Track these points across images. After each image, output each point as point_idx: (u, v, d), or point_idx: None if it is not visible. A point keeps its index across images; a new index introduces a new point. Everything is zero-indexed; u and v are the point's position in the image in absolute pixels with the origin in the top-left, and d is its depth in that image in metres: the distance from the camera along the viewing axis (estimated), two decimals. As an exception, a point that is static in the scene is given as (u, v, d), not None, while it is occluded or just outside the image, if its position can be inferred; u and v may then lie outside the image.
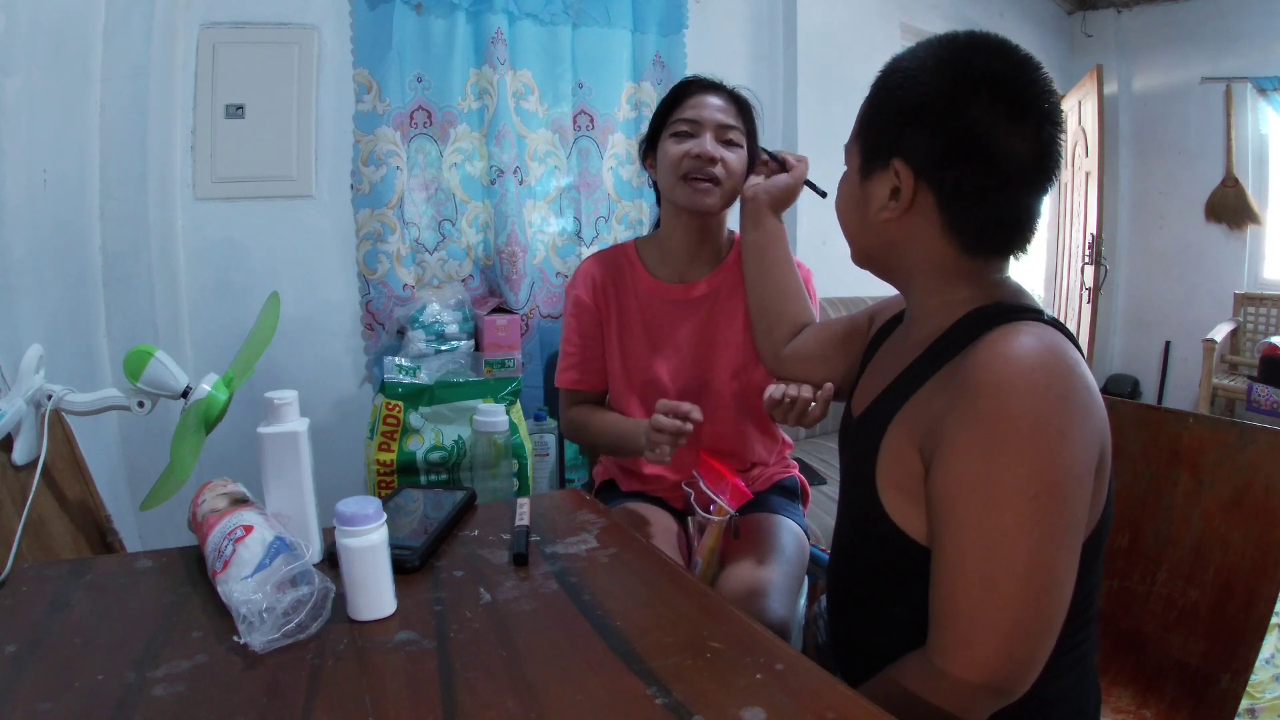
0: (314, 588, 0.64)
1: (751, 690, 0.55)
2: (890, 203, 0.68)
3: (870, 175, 0.70)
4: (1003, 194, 0.64)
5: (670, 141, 1.13)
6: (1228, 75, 3.57)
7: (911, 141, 0.66)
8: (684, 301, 1.21)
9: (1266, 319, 3.43)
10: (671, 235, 1.21)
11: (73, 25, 1.46)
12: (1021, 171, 0.64)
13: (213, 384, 0.93)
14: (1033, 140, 0.63)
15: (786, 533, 1.17)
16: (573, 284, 1.27)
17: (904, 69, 0.68)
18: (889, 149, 0.67)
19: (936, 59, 0.66)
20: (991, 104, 0.62)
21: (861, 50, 2.66)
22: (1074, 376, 0.58)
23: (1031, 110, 0.63)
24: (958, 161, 0.64)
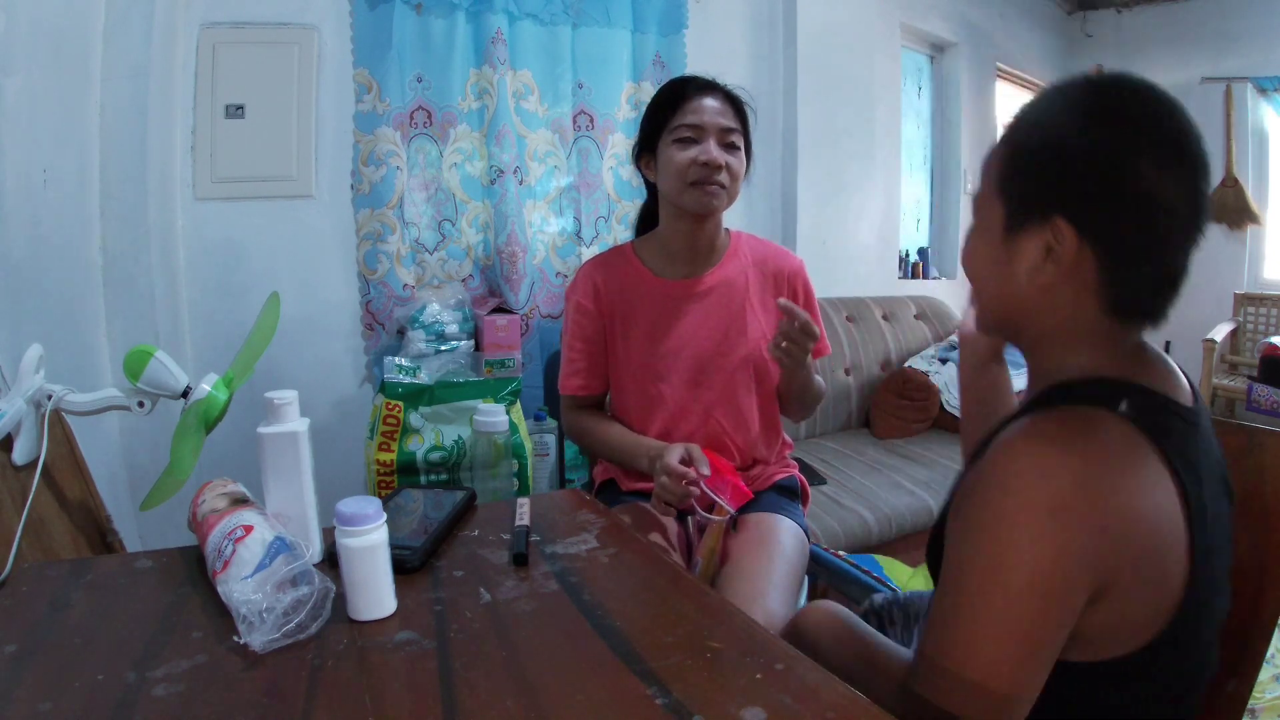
0: (314, 588, 0.64)
1: (751, 690, 0.55)
2: (1045, 264, 0.61)
3: (1019, 232, 0.62)
4: (1165, 251, 0.60)
5: (674, 147, 1.14)
6: (1228, 75, 3.57)
7: (1075, 198, 0.59)
8: (690, 296, 1.23)
9: (1266, 319, 3.43)
10: (674, 235, 1.22)
11: (73, 25, 1.46)
12: (1183, 225, 0.59)
13: (213, 384, 0.93)
14: (1191, 189, 0.58)
15: (786, 532, 1.17)
16: (573, 289, 1.27)
17: (1051, 118, 0.62)
18: (1048, 205, 0.60)
19: (1090, 106, 0.60)
20: (1156, 154, 0.58)
21: (861, 50, 2.67)
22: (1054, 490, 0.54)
23: (1188, 157, 0.58)
24: (1125, 218, 0.59)
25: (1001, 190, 0.64)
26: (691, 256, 1.23)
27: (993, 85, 3.44)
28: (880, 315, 2.56)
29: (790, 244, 2.55)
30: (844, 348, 2.41)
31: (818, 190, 2.57)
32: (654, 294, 1.23)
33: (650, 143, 1.18)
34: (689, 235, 1.21)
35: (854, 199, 2.72)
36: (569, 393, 1.28)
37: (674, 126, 1.14)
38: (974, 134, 3.32)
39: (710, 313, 1.22)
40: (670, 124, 1.14)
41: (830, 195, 2.62)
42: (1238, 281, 3.62)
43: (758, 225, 2.53)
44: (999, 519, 0.55)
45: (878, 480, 1.95)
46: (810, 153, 2.53)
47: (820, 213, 2.59)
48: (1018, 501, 0.54)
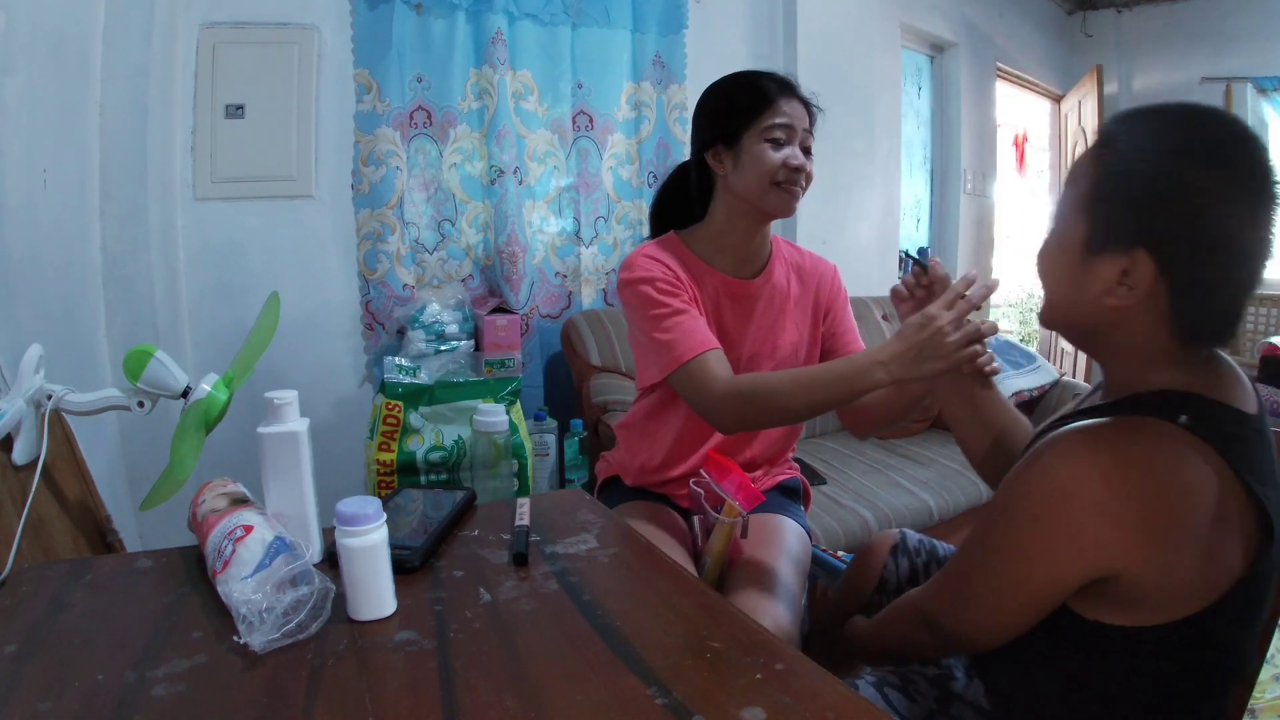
0: (314, 588, 0.64)
1: (751, 690, 0.55)
2: (1119, 288, 0.63)
3: (1099, 254, 0.64)
4: (1240, 286, 0.63)
5: (766, 146, 1.11)
6: (1228, 75, 3.57)
7: (1160, 234, 0.61)
8: (744, 296, 1.20)
9: (1266, 319, 3.43)
10: (732, 231, 1.18)
11: (73, 25, 1.46)
12: (1259, 261, 0.62)
13: (213, 384, 0.93)
14: (1266, 228, 0.61)
15: (791, 534, 1.17)
16: (644, 269, 1.13)
17: (1147, 148, 0.63)
18: (1131, 235, 0.62)
19: (1188, 143, 0.62)
20: (1248, 198, 0.60)
21: (861, 50, 2.66)
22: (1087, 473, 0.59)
23: (1267, 197, 0.61)
24: (1206, 258, 0.61)
25: (1088, 209, 0.65)
26: (746, 255, 1.20)
27: (993, 85, 3.44)
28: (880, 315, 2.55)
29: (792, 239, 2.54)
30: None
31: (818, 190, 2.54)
32: (716, 285, 1.19)
33: (731, 138, 1.13)
34: (748, 234, 1.19)
35: (854, 199, 2.71)
36: (707, 348, 1.05)
37: (767, 125, 1.11)
38: (974, 134, 3.32)
39: (756, 314, 1.21)
40: (761, 122, 1.11)
41: (830, 195, 2.61)
42: (1238, 281, 3.63)
43: (758, 225, 2.52)
44: (1044, 502, 0.61)
45: (878, 480, 1.95)
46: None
47: (820, 213, 2.59)
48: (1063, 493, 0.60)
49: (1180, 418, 0.60)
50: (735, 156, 1.13)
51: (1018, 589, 0.64)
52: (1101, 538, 0.59)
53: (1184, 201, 0.60)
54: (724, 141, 1.14)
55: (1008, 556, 0.65)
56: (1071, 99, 3.87)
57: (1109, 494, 0.58)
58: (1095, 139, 0.68)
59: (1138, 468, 0.59)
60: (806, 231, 2.55)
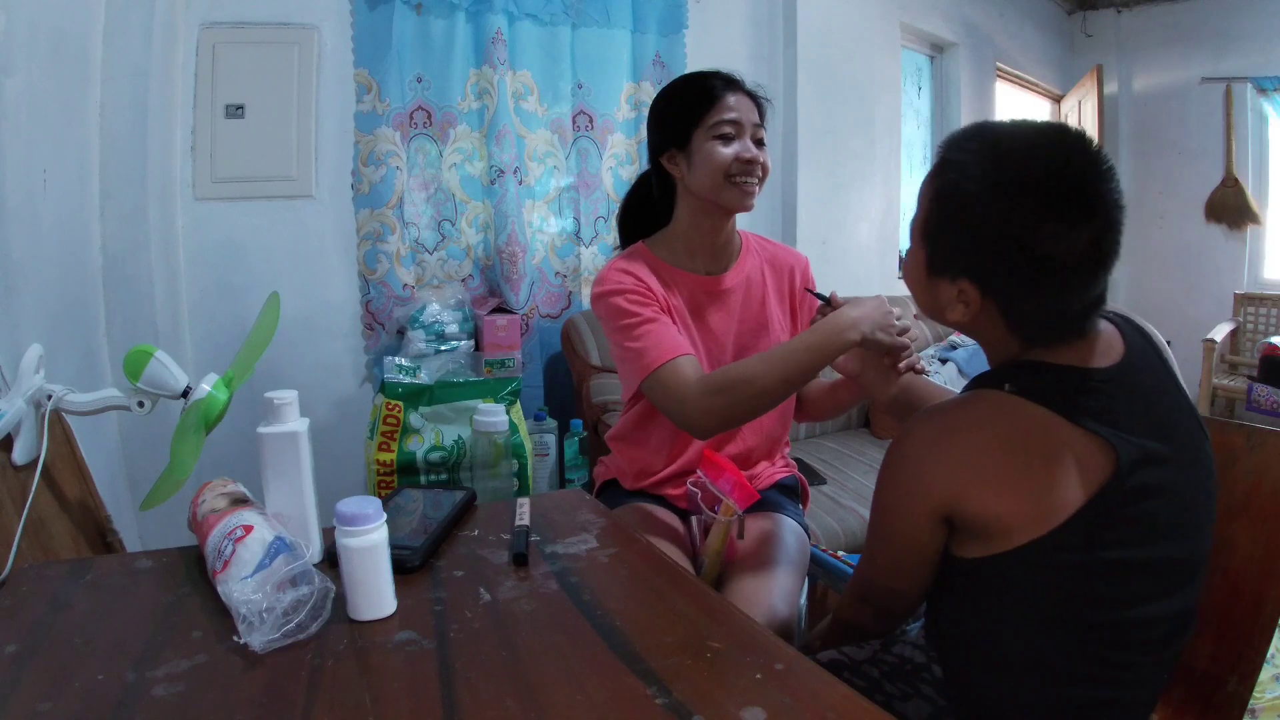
0: (314, 588, 0.64)
1: (751, 690, 0.55)
2: (958, 305, 0.73)
3: (938, 277, 0.74)
4: (1068, 295, 0.69)
5: (716, 143, 1.12)
6: (1228, 75, 3.57)
7: (979, 265, 0.70)
8: (718, 293, 1.21)
9: (1266, 319, 3.43)
10: (697, 232, 1.19)
11: (73, 25, 1.46)
12: (1087, 269, 0.68)
13: (213, 384, 0.93)
14: (1094, 235, 0.67)
15: (789, 532, 1.17)
16: (615, 284, 1.14)
17: (965, 181, 0.70)
18: (955, 267, 0.72)
19: (996, 174, 0.68)
20: (1059, 215, 0.66)
21: (861, 50, 2.66)
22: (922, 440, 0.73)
23: (1090, 207, 0.67)
24: (1025, 279, 0.69)
25: (925, 238, 0.75)
26: (713, 253, 1.21)
27: (993, 85, 3.44)
28: (880, 315, 2.55)
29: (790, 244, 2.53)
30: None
31: (818, 190, 2.57)
32: (687, 286, 1.20)
33: (681, 139, 1.15)
34: (713, 232, 1.19)
35: (854, 199, 2.71)
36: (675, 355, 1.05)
37: (713, 123, 1.12)
38: (974, 134, 3.32)
39: (735, 310, 1.22)
40: (708, 120, 1.12)
41: (830, 195, 2.62)
42: (1238, 281, 3.62)
43: (758, 225, 2.52)
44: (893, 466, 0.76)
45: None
46: (810, 153, 2.53)
47: (820, 213, 2.59)
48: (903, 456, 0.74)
49: (1005, 385, 0.70)
50: (688, 157, 1.14)
51: (899, 541, 0.76)
52: (932, 485, 0.70)
53: (996, 233, 0.68)
54: (676, 144, 1.15)
55: (883, 516, 0.77)
56: (1071, 99, 3.87)
57: (931, 450, 0.72)
58: (934, 161, 0.75)
59: (955, 428, 0.71)
60: (806, 232, 2.55)
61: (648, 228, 1.25)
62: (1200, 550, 0.72)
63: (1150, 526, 0.68)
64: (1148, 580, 0.69)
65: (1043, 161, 0.67)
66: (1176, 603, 0.70)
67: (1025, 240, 0.67)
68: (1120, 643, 0.69)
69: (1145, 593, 0.69)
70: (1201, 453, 0.73)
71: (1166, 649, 0.71)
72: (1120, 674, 0.70)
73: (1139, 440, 0.67)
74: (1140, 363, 0.72)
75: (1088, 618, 0.69)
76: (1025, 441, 0.68)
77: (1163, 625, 0.70)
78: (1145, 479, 0.66)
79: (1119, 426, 0.67)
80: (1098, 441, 0.66)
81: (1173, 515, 0.69)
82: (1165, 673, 0.73)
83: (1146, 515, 0.67)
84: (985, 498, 0.68)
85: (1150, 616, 0.69)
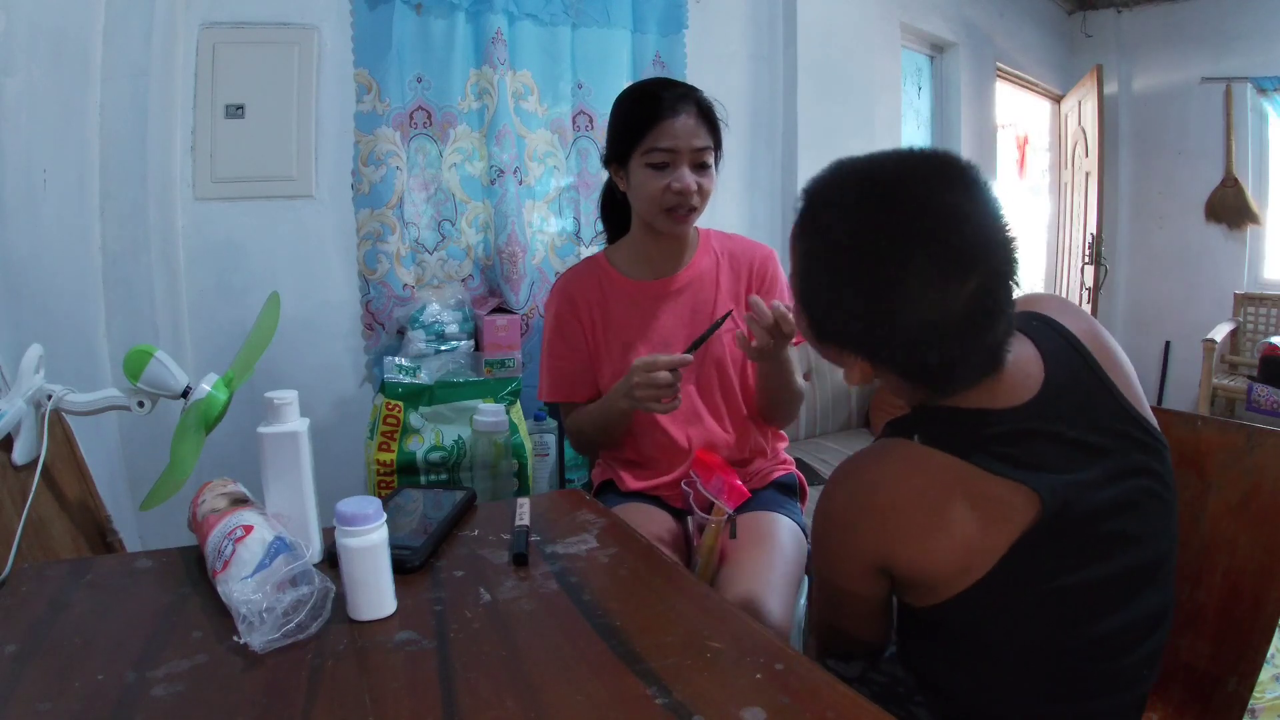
0: (314, 588, 0.64)
1: (751, 690, 0.55)
2: (855, 372, 0.71)
3: (824, 343, 0.72)
4: (961, 348, 0.64)
5: (647, 172, 1.12)
6: (1228, 75, 3.57)
7: (856, 340, 0.68)
8: (666, 294, 1.25)
9: (1266, 319, 3.43)
10: (645, 241, 1.24)
11: (73, 25, 1.46)
12: (967, 325, 0.63)
13: (213, 384, 0.93)
14: (974, 295, 0.62)
15: (785, 531, 1.17)
16: (549, 302, 1.28)
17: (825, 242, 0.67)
18: (841, 345, 0.70)
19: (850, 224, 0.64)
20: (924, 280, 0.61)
21: (861, 50, 2.66)
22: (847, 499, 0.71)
23: (970, 264, 0.62)
24: (909, 348, 0.64)
25: (801, 305, 0.72)
26: (664, 259, 1.26)
27: (993, 85, 3.44)
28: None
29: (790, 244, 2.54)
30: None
31: (818, 190, 2.57)
32: (629, 296, 1.25)
33: (622, 157, 1.16)
34: (660, 244, 1.24)
35: (854, 199, 2.71)
36: (552, 400, 1.28)
37: (648, 149, 1.12)
38: (974, 134, 3.32)
39: (684, 309, 1.24)
40: (644, 145, 1.12)
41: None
42: (1238, 281, 3.62)
43: (758, 225, 2.53)
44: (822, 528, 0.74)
45: (878, 480, 1.95)
46: (810, 153, 2.53)
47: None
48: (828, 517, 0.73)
49: (914, 436, 0.68)
50: (627, 176, 1.17)
51: (843, 597, 0.75)
52: (860, 545, 0.70)
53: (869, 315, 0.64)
54: (618, 160, 1.17)
55: (822, 574, 0.77)
56: (1071, 99, 3.87)
57: (853, 511, 0.70)
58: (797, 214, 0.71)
59: (873, 486, 0.70)
60: (806, 231, 2.55)
61: (622, 225, 1.29)
62: (1160, 549, 0.71)
63: (1094, 549, 0.66)
64: (1104, 595, 0.67)
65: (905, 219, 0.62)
66: (1143, 604, 0.69)
67: (896, 314, 0.63)
68: (1094, 655, 0.68)
69: (1104, 607, 0.68)
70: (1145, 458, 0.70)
71: (1143, 647, 0.71)
72: (1104, 683, 0.69)
73: (1062, 476, 0.64)
74: (1063, 383, 0.69)
75: (1051, 643, 0.68)
76: (941, 494, 0.66)
77: (1134, 630, 0.70)
78: (1076, 513, 0.64)
79: (1039, 465, 0.64)
80: (1017, 487, 0.64)
81: (1118, 530, 0.67)
82: (1149, 669, 0.73)
83: (1088, 541, 0.66)
84: (911, 554, 0.67)
85: (1117, 626, 0.68)
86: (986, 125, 3.42)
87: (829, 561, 0.75)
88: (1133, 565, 0.68)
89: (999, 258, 0.63)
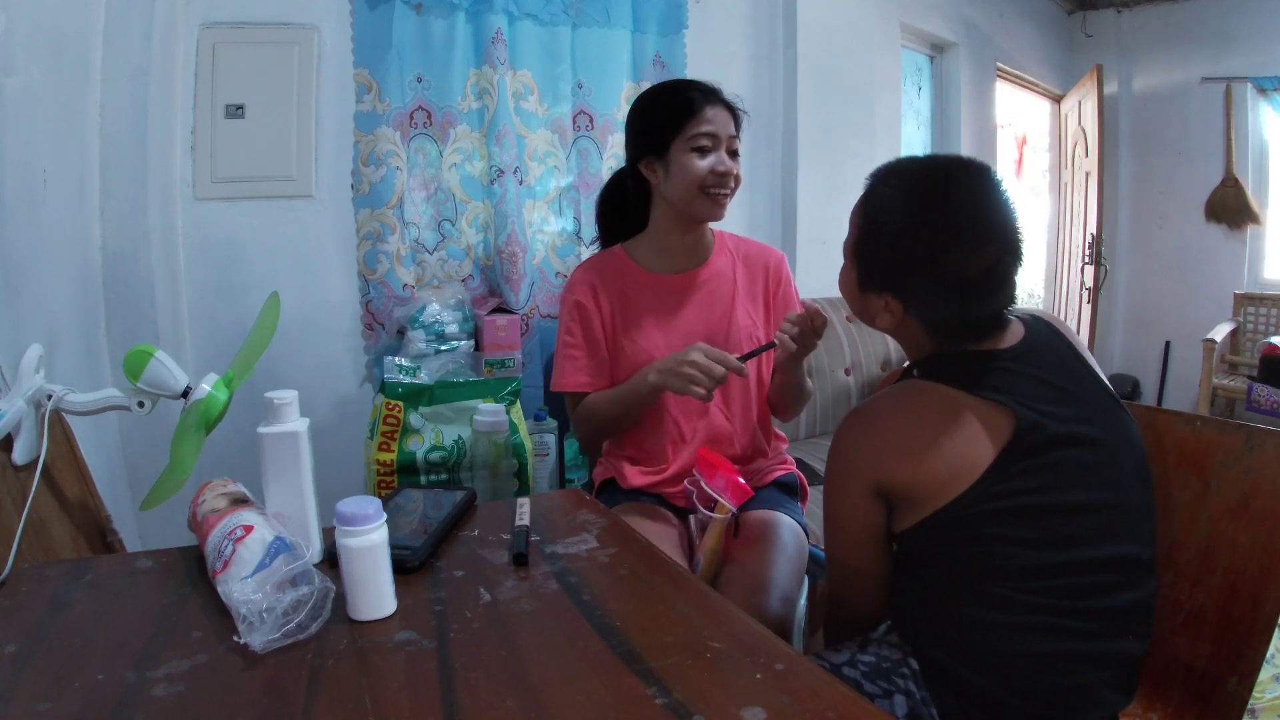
0: (314, 588, 0.64)
1: (751, 690, 0.55)
2: (884, 314, 0.86)
3: (866, 291, 0.87)
4: (978, 306, 0.81)
5: (693, 155, 1.17)
6: (1228, 75, 3.57)
7: (900, 283, 0.83)
8: (687, 288, 1.27)
9: (1266, 319, 3.43)
10: (670, 235, 1.26)
11: (73, 25, 1.46)
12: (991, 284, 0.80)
13: (213, 384, 0.93)
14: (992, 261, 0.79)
15: (786, 530, 1.17)
16: (569, 291, 1.29)
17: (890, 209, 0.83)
18: (879, 284, 0.85)
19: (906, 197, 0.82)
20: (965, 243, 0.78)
21: (861, 50, 2.66)
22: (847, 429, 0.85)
23: (990, 237, 0.79)
24: (938, 295, 0.81)
25: (856, 257, 0.88)
26: (686, 253, 1.28)
27: (993, 85, 3.44)
28: (880, 315, 2.56)
29: (790, 244, 2.54)
30: (844, 348, 2.41)
31: (818, 190, 2.57)
32: (651, 289, 1.27)
33: (660, 148, 1.19)
34: (684, 235, 1.26)
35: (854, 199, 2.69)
36: (574, 389, 1.26)
37: (691, 134, 1.16)
38: (974, 134, 3.32)
39: (704, 305, 1.27)
40: (687, 132, 1.17)
41: (830, 195, 2.61)
42: (1238, 281, 3.62)
43: (759, 225, 2.53)
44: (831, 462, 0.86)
45: (878, 480, 1.95)
46: (810, 153, 2.53)
47: (820, 213, 2.58)
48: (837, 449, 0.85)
49: (914, 372, 0.86)
50: (665, 166, 1.19)
51: (845, 522, 0.85)
52: (860, 466, 0.81)
53: (915, 257, 0.80)
54: (654, 152, 1.20)
55: (828, 502, 0.86)
56: (1071, 99, 3.87)
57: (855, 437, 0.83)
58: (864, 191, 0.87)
59: (873, 414, 0.83)
60: (807, 232, 2.55)
61: (625, 225, 1.32)
62: (1125, 500, 0.79)
63: (1059, 474, 0.76)
64: (1072, 523, 0.76)
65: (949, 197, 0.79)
66: (1113, 548, 0.76)
67: (936, 262, 0.79)
68: (1061, 590, 0.75)
69: (1073, 535, 0.76)
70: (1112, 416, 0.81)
71: (1120, 596, 0.76)
72: (1077, 623, 0.75)
73: (1037, 405, 0.77)
74: (1041, 344, 0.83)
75: (1015, 564, 0.75)
76: (933, 415, 0.79)
77: (1106, 570, 0.76)
78: (1049, 433, 0.76)
79: (1016, 394, 0.77)
80: (997, 407, 0.76)
81: (1083, 463, 0.77)
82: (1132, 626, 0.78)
83: (1055, 463, 0.76)
84: (905, 468, 0.78)
85: (1084, 560, 0.76)
86: (986, 125, 3.43)
87: (832, 488, 0.85)
88: (1102, 503, 0.77)
89: (1012, 238, 0.80)
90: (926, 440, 0.78)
